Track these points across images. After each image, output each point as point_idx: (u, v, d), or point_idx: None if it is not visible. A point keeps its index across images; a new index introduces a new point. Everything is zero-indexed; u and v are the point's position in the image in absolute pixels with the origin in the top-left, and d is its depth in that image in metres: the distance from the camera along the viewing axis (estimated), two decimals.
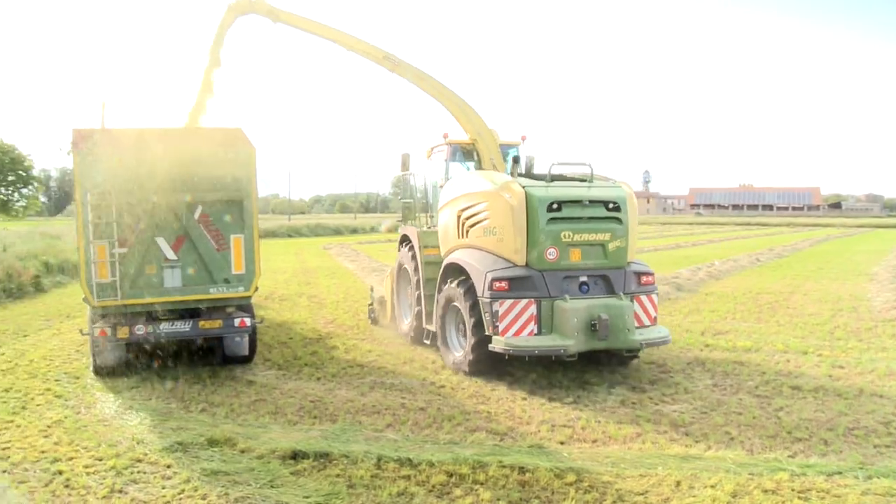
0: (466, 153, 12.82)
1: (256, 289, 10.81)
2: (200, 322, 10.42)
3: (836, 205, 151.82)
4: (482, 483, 6.56)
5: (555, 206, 10.02)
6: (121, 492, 6.40)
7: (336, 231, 62.91)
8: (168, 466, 6.98)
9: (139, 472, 6.83)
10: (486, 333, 10.01)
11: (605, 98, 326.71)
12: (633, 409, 8.91)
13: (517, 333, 9.78)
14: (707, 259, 30.18)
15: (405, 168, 13.53)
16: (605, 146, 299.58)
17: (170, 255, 10.17)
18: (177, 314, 10.45)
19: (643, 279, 10.54)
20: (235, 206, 10.38)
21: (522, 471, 6.78)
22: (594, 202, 10.30)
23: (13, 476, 6.73)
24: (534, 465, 6.88)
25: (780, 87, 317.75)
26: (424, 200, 13.61)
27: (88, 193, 9.66)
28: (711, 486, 6.46)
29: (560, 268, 10.06)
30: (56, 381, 10.31)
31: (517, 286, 9.88)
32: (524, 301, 9.81)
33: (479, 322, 10.15)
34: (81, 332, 11.45)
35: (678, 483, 6.56)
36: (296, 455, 7.14)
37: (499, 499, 6.24)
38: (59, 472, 6.81)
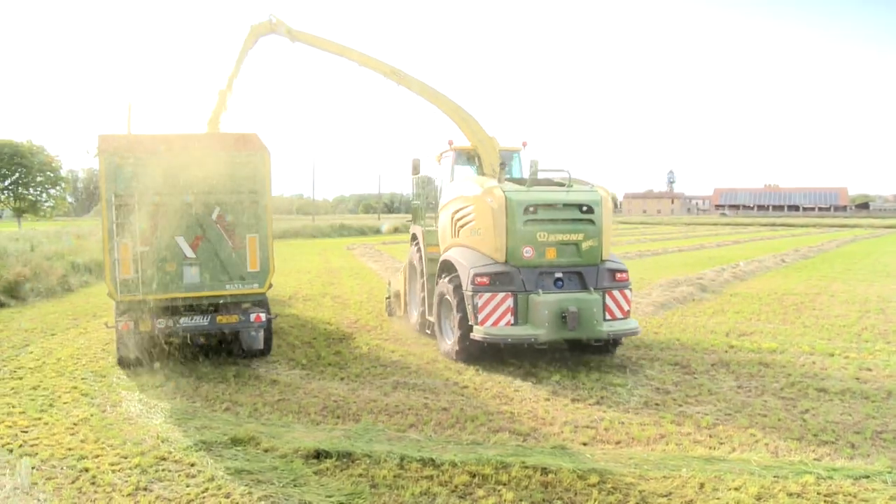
0: (469, 158, 13.54)
1: (271, 285, 11.36)
2: (218, 317, 11.04)
3: (864, 205, 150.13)
4: (505, 484, 6.55)
5: (531, 209, 10.95)
6: (145, 489, 6.47)
7: (360, 231, 63.08)
8: (192, 465, 7.04)
9: (164, 470, 6.90)
10: (470, 324, 10.94)
11: (631, 99, 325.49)
12: (657, 411, 8.86)
13: (495, 323, 10.72)
14: (732, 260, 29.96)
15: (416, 172, 14.26)
16: (631, 147, 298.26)
17: (189, 254, 10.74)
18: (196, 309, 11.03)
19: (617, 276, 11.30)
20: (251, 207, 10.98)
21: (545, 472, 6.77)
22: (568, 205, 11.19)
23: (41, 472, 6.82)
24: (557, 466, 6.86)
25: (807, 86, 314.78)
26: (433, 202, 14.06)
27: (113, 195, 10.31)
28: (736, 489, 6.41)
29: (536, 265, 10.98)
30: (83, 380, 10.44)
31: (497, 281, 10.84)
32: (501, 294, 10.75)
33: (465, 314, 11.06)
34: (107, 325, 11.95)
35: (702, 485, 6.52)
36: (319, 454, 7.17)
37: (521, 500, 6.23)
38: (86, 470, 6.90)
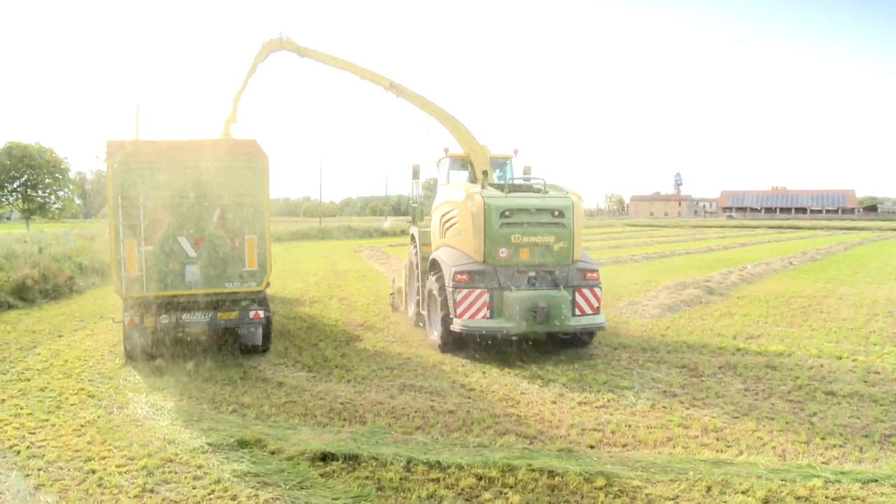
0: (463, 164, 14.57)
1: (268, 284, 11.92)
2: (219, 313, 11.62)
3: (872, 207, 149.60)
4: (511, 487, 6.55)
5: (507, 213, 11.89)
6: (152, 491, 6.48)
7: (366, 233, 63.11)
8: (199, 467, 7.05)
9: (170, 472, 6.92)
10: (450, 317, 11.86)
11: (638, 101, 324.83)
12: (664, 414, 8.84)
13: (472, 317, 11.64)
14: (739, 262, 29.88)
15: (416, 177, 15.44)
16: (638, 149, 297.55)
17: (191, 253, 11.34)
18: (197, 306, 11.52)
19: (588, 275, 12.14)
20: (249, 209, 11.56)
21: (552, 475, 6.76)
22: (541, 210, 12.06)
23: (48, 474, 6.84)
24: (563, 469, 6.85)
25: (814, 88, 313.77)
26: (431, 204, 14.83)
27: (120, 198, 10.95)
28: (743, 492, 6.39)
29: (511, 264, 11.90)
30: (90, 382, 10.48)
31: (475, 278, 11.77)
32: (478, 290, 11.68)
33: (448, 308, 12.01)
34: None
35: (709, 488, 6.50)
36: (325, 457, 7.18)
37: (528, 502, 6.23)
38: (93, 471, 6.92)
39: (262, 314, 11.77)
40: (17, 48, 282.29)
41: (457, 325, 11.68)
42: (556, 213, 12.03)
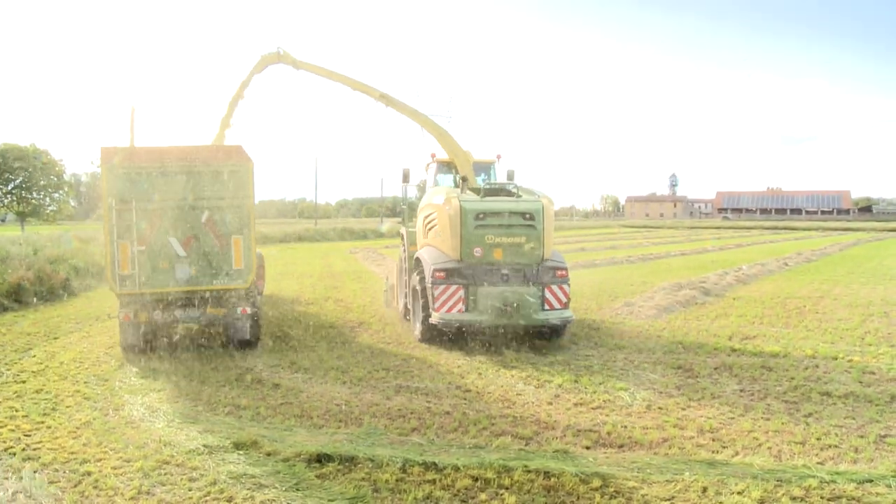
0: (449, 168, 15.73)
1: (253, 281, 12.55)
2: (208, 309, 12.30)
3: (867, 208, 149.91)
4: (507, 488, 6.55)
5: (481, 216, 12.78)
6: (148, 493, 6.47)
7: (362, 235, 63.07)
8: (194, 469, 7.04)
9: (166, 474, 6.90)
10: (430, 310, 12.71)
11: (634, 103, 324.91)
12: (660, 415, 8.85)
13: (449, 310, 12.55)
14: (734, 263, 29.95)
15: (405, 180, 16.27)
16: (634, 150, 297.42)
17: (180, 253, 11.95)
18: (188, 302, 12.24)
19: (557, 272, 12.95)
20: (236, 212, 12.14)
21: (548, 476, 6.76)
22: (513, 213, 12.92)
23: (43, 476, 6.81)
24: (559, 470, 6.85)
25: (809, 88, 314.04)
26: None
27: (114, 200, 11.59)
28: (739, 493, 6.40)
29: (485, 262, 12.76)
30: (85, 384, 10.45)
31: (452, 275, 12.65)
32: (454, 286, 12.57)
33: (427, 303, 12.89)
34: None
35: (705, 489, 6.51)
36: (321, 458, 7.17)
37: (524, 503, 6.23)
38: (88, 473, 6.90)
39: (250, 309, 12.42)
40: (12, 50, 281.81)
41: (435, 318, 12.59)
42: (527, 216, 12.91)
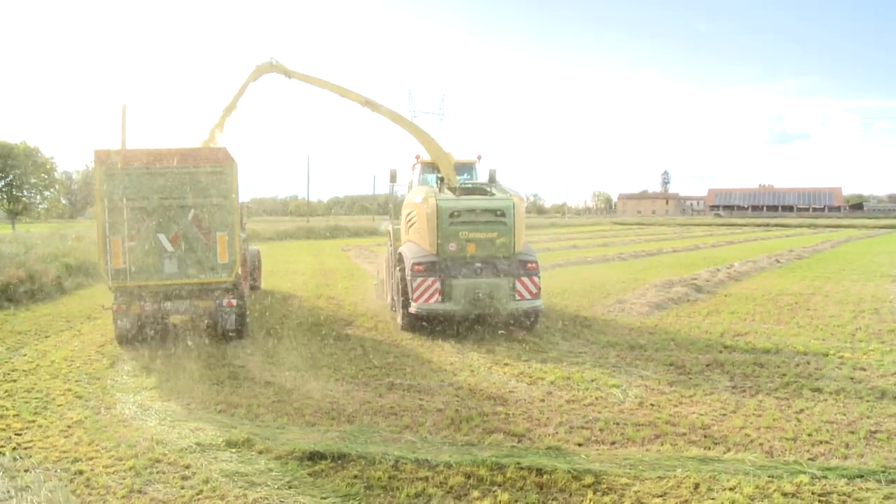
0: (432, 168, 16.39)
1: (237, 275, 13.16)
2: (195, 301, 13.09)
3: (858, 205, 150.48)
4: (500, 485, 6.56)
5: (455, 214, 13.73)
6: (140, 492, 6.46)
7: (354, 233, 63.00)
8: (186, 467, 7.03)
9: (158, 473, 6.89)
10: (410, 301, 13.62)
11: (625, 100, 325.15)
12: (652, 411, 8.87)
13: (426, 301, 13.48)
14: (726, 260, 30.02)
15: (393, 180, 17.08)
16: (626, 148, 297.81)
17: (168, 248, 12.68)
18: (177, 294, 12.95)
19: (528, 265, 13.84)
20: (221, 210, 12.86)
21: (540, 472, 6.77)
22: (485, 210, 13.90)
23: (35, 475, 6.79)
24: (552, 467, 6.86)
25: (800, 85, 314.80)
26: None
27: (106, 199, 12.39)
28: (730, 489, 6.42)
29: (459, 256, 13.70)
30: (77, 382, 10.42)
31: (429, 268, 13.57)
32: (431, 279, 13.47)
33: (408, 294, 13.73)
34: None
35: (697, 485, 6.53)
36: (314, 456, 7.16)
37: (517, 500, 6.24)
38: (80, 472, 6.89)
39: (235, 302, 13.13)
40: (2, 47, 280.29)
41: (413, 308, 13.57)
42: (498, 213, 13.87)
